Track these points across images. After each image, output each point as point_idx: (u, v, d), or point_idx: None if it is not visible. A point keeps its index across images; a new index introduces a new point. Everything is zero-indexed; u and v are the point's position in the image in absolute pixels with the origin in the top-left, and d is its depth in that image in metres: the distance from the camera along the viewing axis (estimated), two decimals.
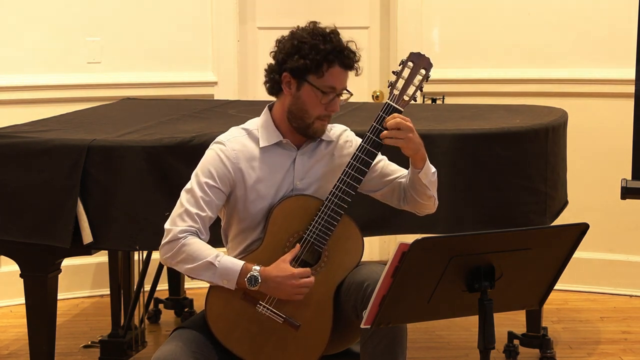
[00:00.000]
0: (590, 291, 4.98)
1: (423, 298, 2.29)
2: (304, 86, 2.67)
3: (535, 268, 2.36)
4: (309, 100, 2.68)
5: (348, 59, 2.68)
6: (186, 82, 5.15)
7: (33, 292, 3.43)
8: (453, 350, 4.17)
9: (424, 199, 2.79)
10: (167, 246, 2.67)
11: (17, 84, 4.91)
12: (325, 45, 2.65)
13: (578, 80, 4.98)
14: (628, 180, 3.53)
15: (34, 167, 3.32)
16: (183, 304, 4.63)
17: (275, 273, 2.62)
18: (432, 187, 2.78)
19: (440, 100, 4.66)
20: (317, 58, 2.64)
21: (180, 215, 2.69)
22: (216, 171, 2.70)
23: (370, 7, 5.29)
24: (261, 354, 2.69)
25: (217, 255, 2.64)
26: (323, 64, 2.65)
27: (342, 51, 2.67)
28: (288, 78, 2.69)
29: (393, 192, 2.84)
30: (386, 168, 2.84)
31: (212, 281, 2.66)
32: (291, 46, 2.67)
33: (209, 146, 2.77)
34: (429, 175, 2.74)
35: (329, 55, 2.65)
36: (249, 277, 2.62)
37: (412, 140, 2.65)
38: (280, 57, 2.70)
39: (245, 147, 2.74)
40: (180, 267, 2.68)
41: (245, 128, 2.79)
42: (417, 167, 2.72)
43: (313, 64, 2.64)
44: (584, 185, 4.82)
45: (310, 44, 2.64)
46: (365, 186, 2.77)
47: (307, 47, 2.64)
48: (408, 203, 2.83)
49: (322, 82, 2.67)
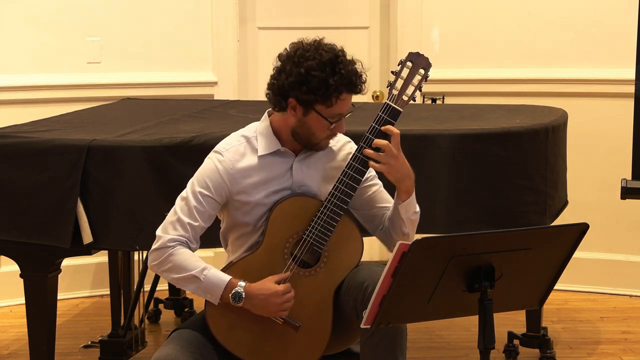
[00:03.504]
0: (590, 291, 4.98)
1: (423, 298, 2.29)
2: (311, 113, 2.64)
3: (535, 268, 2.36)
4: (315, 125, 2.66)
5: (356, 87, 2.64)
6: (186, 82, 5.15)
7: (33, 292, 3.43)
8: (453, 350, 4.17)
9: (397, 235, 2.75)
10: (155, 253, 2.68)
11: (17, 84, 4.91)
12: (334, 77, 2.59)
13: (578, 80, 4.98)
14: (628, 180, 3.53)
15: (34, 167, 3.32)
16: (183, 304, 4.63)
17: (260, 291, 2.62)
18: (410, 225, 2.74)
19: (440, 100, 4.66)
20: (327, 93, 2.60)
21: (172, 223, 2.68)
22: (212, 182, 2.69)
23: (370, 7, 5.29)
24: (261, 354, 2.69)
25: (204, 269, 2.63)
26: (332, 97, 2.61)
27: (350, 76, 2.62)
28: (294, 103, 2.65)
29: (374, 218, 2.82)
30: (379, 194, 2.81)
31: (197, 294, 2.66)
32: (298, 75, 2.60)
33: (209, 154, 2.75)
34: (409, 211, 2.71)
35: (339, 87, 2.60)
36: (233, 293, 2.61)
37: (393, 168, 2.63)
38: (286, 83, 2.62)
39: (243, 156, 2.72)
40: (166, 275, 2.68)
41: (244, 135, 2.76)
42: (400, 199, 2.70)
43: (321, 94, 2.60)
44: (584, 185, 4.82)
45: (319, 78, 2.58)
46: (353, 201, 2.73)
47: (316, 81, 2.58)
48: (384, 234, 2.80)
49: (331, 111, 2.64)
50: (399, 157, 2.64)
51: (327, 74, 2.58)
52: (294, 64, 2.62)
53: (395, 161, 2.63)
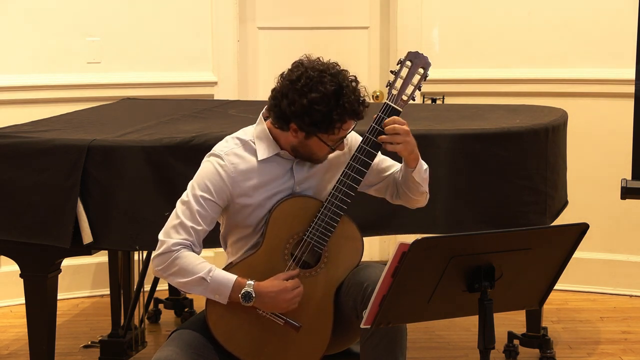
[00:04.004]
0: (590, 291, 4.98)
1: (423, 298, 2.29)
2: (313, 139, 2.65)
3: (535, 268, 2.36)
4: (317, 148, 2.67)
5: (359, 115, 2.64)
6: (186, 82, 5.15)
7: (33, 292, 3.43)
8: (453, 350, 4.17)
9: (416, 195, 2.80)
10: (160, 258, 2.66)
11: (17, 84, 4.91)
12: (338, 110, 2.58)
13: (578, 80, 4.97)
14: (628, 180, 3.53)
15: (34, 167, 3.32)
16: (183, 304, 4.63)
17: (270, 289, 2.62)
18: (424, 183, 2.79)
19: (440, 100, 4.66)
20: (330, 126, 2.60)
21: (174, 227, 2.67)
22: (213, 185, 2.68)
23: (370, 7, 5.28)
24: (262, 355, 2.69)
25: (210, 270, 2.63)
26: (335, 128, 2.62)
27: (354, 110, 2.61)
28: (296, 128, 2.64)
29: (387, 187, 2.85)
30: (382, 163, 2.84)
31: (205, 296, 2.66)
32: (301, 107, 2.58)
33: (205, 157, 2.74)
34: (421, 172, 2.76)
35: (343, 118, 2.60)
36: (243, 293, 2.61)
37: (409, 143, 2.67)
38: (288, 110, 2.61)
39: (242, 160, 2.71)
40: (172, 280, 2.67)
41: (240, 138, 2.75)
42: (411, 166, 2.73)
43: (324, 125, 2.60)
44: (584, 185, 4.82)
45: (322, 112, 2.57)
46: (362, 181, 2.75)
47: (319, 115, 2.58)
48: (400, 198, 2.84)
49: (332, 137, 2.65)
50: (409, 132, 2.66)
51: (330, 107, 2.58)
52: (296, 92, 2.60)
53: (410, 137, 2.66)
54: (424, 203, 2.86)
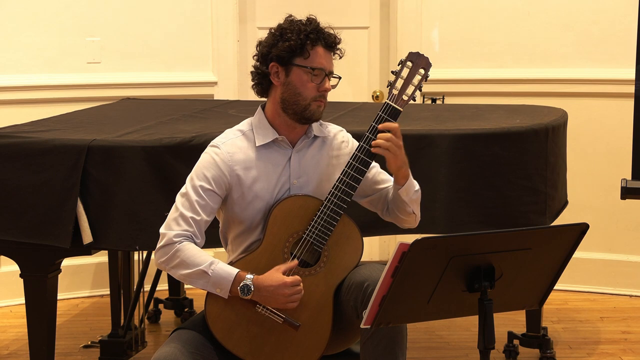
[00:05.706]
0: (590, 291, 4.98)
1: (423, 298, 2.29)
2: (293, 70, 2.70)
3: (535, 268, 2.36)
4: (299, 82, 2.70)
5: (330, 38, 2.74)
6: (186, 82, 5.15)
7: (33, 292, 3.43)
8: (453, 350, 4.17)
9: (403, 215, 2.81)
10: (162, 250, 2.67)
11: (17, 84, 4.91)
12: (306, 26, 2.71)
13: (578, 80, 4.98)
14: (628, 180, 3.53)
15: (34, 167, 3.32)
16: (183, 304, 4.63)
17: (268, 282, 2.62)
18: (413, 204, 2.79)
19: (440, 100, 4.66)
20: (300, 38, 2.69)
21: (175, 219, 2.68)
22: (211, 174, 2.70)
23: (370, 7, 5.29)
24: (261, 354, 2.69)
25: (212, 263, 2.64)
26: (307, 43, 2.69)
27: (323, 31, 2.73)
28: (276, 67, 2.71)
29: (379, 200, 2.86)
30: (378, 175, 2.85)
31: (206, 289, 2.66)
32: (272, 36, 2.74)
33: (205, 149, 2.77)
34: (410, 192, 2.75)
35: (311, 34, 2.70)
36: (241, 286, 2.62)
37: (398, 157, 2.67)
38: (264, 50, 2.75)
39: (240, 149, 2.74)
40: (175, 272, 2.68)
41: (239, 129, 2.80)
42: (399, 183, 2.73)
43: (297, 44, 2.68)
44: (584, 185, 4.82)
45: (290, 28, 2.71)
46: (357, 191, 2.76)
47: (289, 31, 2.70)
48: (390, 215, 2.85)
49: (309, 62, 2.70)
50: (402, 146, 2.68)
51: (298, 24, 2.72)
52: (271, 33, 2.76)
53: (400, 151, 2.67)
54: (413, 224, 2.87)
